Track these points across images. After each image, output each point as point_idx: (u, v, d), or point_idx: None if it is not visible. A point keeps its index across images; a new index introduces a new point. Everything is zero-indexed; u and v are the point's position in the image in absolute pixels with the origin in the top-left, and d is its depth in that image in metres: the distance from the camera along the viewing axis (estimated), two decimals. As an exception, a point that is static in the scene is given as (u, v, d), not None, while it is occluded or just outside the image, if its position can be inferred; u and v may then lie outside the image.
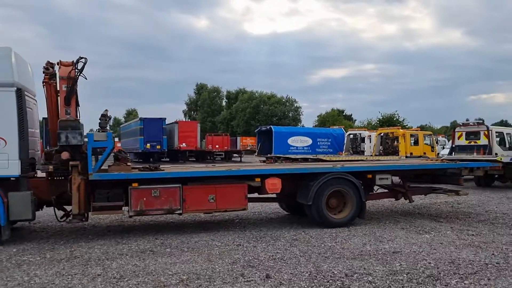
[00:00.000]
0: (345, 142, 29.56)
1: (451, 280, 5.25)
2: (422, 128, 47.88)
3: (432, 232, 8.16)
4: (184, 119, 71.84)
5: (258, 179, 8.53)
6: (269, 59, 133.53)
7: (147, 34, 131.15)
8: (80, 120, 8.00)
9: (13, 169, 7.39)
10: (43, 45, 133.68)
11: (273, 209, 11.01)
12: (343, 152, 28.21)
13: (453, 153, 21.27)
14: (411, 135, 24.40)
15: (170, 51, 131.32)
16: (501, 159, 14.38)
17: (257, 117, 66.21)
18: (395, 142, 24.12)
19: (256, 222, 9.43)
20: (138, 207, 7.79)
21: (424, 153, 23.79)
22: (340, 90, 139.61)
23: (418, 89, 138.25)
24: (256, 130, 32.86)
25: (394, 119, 51.68)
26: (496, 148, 20.13)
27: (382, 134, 25.31)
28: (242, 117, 67.37)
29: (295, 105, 71.62)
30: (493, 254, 6.51)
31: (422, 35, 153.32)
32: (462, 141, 21.81)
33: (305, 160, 18.90)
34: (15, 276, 5.61)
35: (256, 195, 9.03)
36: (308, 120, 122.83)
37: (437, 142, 29.50)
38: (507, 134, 21.57)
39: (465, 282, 5.19)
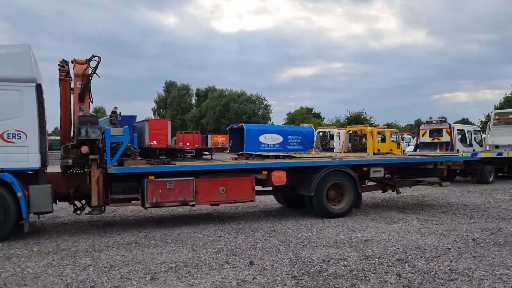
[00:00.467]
0: (314, 139, 30.29)
1: (418, 263, 5.78)
2: (388, 126, 49.31)
3: (399, 222, 8.75)
4: (153, 117, 71.29)
5: (265, 172, 9.02)
6: (237, 57, 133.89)
7: (113, 31, 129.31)
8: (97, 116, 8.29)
9: (34, 162, 7.61)
10: (4, 40, 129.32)
11: (249, 204, 11.38)
12: (313, 149, 28.87)
13: (418, 149, 22.18)
14: (379, 133, 25.24)
15: (138, 47, 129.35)
16: (462, 154, 15.33)
17: (227, 115, 66.58)
18: (363, 139, 24.94)
19: (234, 216, 9.79)
20: (154, 199, 8.13)
21: (391, 150, 24.66)
22: (308, 89, 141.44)
23: (384, 88, 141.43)
24: (227, 128, 33.19)
25: (362, 117, 53.06)
26: (458, 145, 21.18)
27: (350, 132, 26.09)
28: (212, 115, 67.59)
29: (264, 103, 72.36)
30: (455, 240, 7.11)
31: (388, 35, 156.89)
32: (426, 138, 22.80)
33: (277, 157, 19.42)
34: (7, 267, 5.79)
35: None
36: (277, 118, 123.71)
37: (402, 140, 30.57)
38: (468, 131, 22.70)
39: (430, 264, 5.72)
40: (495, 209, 10.41)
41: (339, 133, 28.52)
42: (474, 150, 20.60)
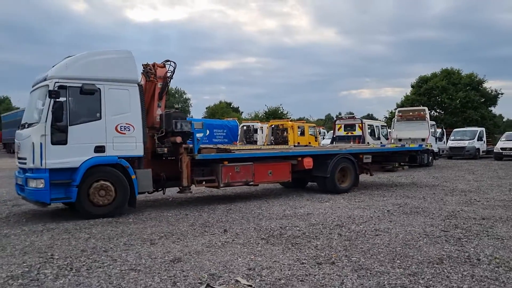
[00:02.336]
0: (239, 133, 31.97)
1: (351, 226, 7.61)
2: (300, 120, 52.64)
3: (330, 201, 10.67)
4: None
5: (299, 158, 11.55)
6: (151, 47, 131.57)
7: (17, 15, 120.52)
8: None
9: (139, 150, 9.08)
10: None
11: (200, 190, 12.64)
12: (238, 142, 30.53)
13: (334, 142, 24.78)
14: (298, 127, 27.40)
15: (44, 34, 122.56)
16: (430, 146, 18.14)
17: (147, 108, 65.94)
18: (285, 133, 27.02)
19: (188, 200, 11.09)
20: (226, 180, 10.21)
21: (309, 143, 27.06)
22: (223, 82, 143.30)
23: (296, 83, 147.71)
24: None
25: (279, 112, 55.85)
26: (368, 138, 24.07)
27: (273, 126, 28.09)
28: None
29: (184, 97, 72.67)
30: (374, 211, 9.12)
31: (299, 32, 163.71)
32: (341, 132, 25.51)
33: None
34: (15, 242, 6.67)
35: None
36: (196, 111, 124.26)
37: (319, 133, 33.33)
38: (376, 126, 25.76)
39: (360, 226, 7.58)
40: (401, 191, 12.79)
41: (262, 127, 30.43)
42: (381, 142, 23.55)
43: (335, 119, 33.10)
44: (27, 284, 4.73)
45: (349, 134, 24.77)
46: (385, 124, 28.18)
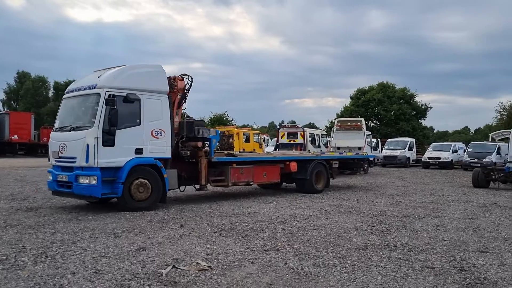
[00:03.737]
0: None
1: (293, 222, 8.66)
2: (245, 127, 53.76)
3: (274, 202, 11.73)
4: (2, 109, 65.66)
5: (287, 162, 13.35)
6: (94, 49, 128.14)
7: None
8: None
9: (168, 152, 10.41)
10: None
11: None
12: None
13: (277, 149, 26.01)
14: (244, 134, 28.42)
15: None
16: (366, 154, 19.75)
17: (89, 110, 64.55)
18: (231, 139, 27.94)
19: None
20: (233, 180, 11.79)
21: (254, 149, 28.16)
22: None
23: (241, 91, 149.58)
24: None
25: (224, 118, 56.72)
26: (309, 146, 25.51)
27: (220, 132, 28.92)
28: (73, 110, 64.79)
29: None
30: (313, 211, 10.25)
31: (245, 39, 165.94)
32: (284, 140, 26.78)
33: None
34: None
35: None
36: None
37: (263, 140, 34.56)
38: (317, 135, 27.30)
39: (300, 223, 8.64)
40: (338, 194, 14.11)
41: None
42: (321, 150, 25.07)
43: (278, 127, 34.48)
44: (9, 268, 5.30)
45: (292, 141, 26.08)
46: (325, 133, 29.89)
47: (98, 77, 9.85)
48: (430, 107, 52.74)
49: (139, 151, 9.82)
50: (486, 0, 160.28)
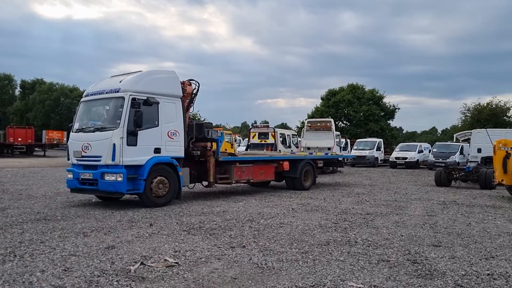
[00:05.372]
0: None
1: (260, 220, 8.93)
2: (217, 127, 53.88)
3: (243, 201, 11.98)
4: (-34, 108, 63.67)
5: (280, 162, 14.49)
6: (63, 46, 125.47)
7: None
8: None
9: (182, 152, 11.25)
10: None
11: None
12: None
13: (249, 149, 26.28)
14: (216, 134, 28.56)
15: None
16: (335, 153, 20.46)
17: (57, 110, 63.48)
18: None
19: (113, 202, 11.77)
20: (236, 178, 12.82)
21: (225, 150, 28.37)
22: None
23: (214, 90, 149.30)
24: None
25: (197, 118, 56.66)
26: (280, 146, 25.90)
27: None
28: (41, 109, 63.53)
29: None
30: (281, 209, 10.55)
31: (218, 39, 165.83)
32: (256, 140, 27.11)
33: None
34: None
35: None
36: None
37: (235, 141, 34.76)
38: (287, 135, 27.73)
39: (268, 221, 8.92)
40: (306, 193, 14.48)
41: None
42: (292, 150, 25.48)
43: (250, 127, 34.76)
44: (-23, 267, 5.37)
45: (263, 142, 26.45)
46: (296, 133, 30.37)
47: (120, 81, 10.58)
48: (398, 108, 54.14)
49: (157, 150, 10.58)
50: (453, 4, 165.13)
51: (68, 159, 11.10)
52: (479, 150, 24.73)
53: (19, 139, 38.21)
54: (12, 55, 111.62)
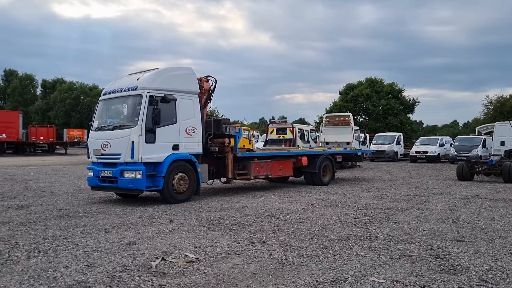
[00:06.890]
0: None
1: (280, 216, 8.92)
2: (235, 123, 54.04)
3: (262, 197, 11.98)
4: (-10, 108, 65.15)
5: (299, 157, 14.41)
6: (81, 46, 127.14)
7: None
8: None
9: (200, 148, 11.28)
10: None
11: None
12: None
13: (267, 145, 26.29)
14: (234, 130, 28.61)
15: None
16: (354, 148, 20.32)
17: (78, 108, 64.46)
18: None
19: (132, 199, 11.90)
20: (255, 174, 12.81)
21: (244, 145, 28.41)
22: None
23: (231, 87, 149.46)
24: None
25: (214, 115, 56.91)
26: (298, 141, 25.83)
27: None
28: (62, 108, 64.59)
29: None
30: (300, 205, 10.51)
31: (235, 35, 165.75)
32: (274, 136, 27.08)
33: None
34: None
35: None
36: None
37: (253, 136, 34.80)
38: (306, 130, 27.63)
39: (287, 216, 8.90)
40: (325, 188, 14.40)
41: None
42: (310, 145, 25.39)
43: (268, 123, 34.72)
44: (3, 263, 5.48)
45: (281, 137, 26.40)
46: (314, 128, 30.22)
47: (137, 79, 10.61)
48: (418, 102, 53.46)
49: (176, 147, 10.63)
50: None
51: (88, 157, 11.25)
52: (502, 143, 24.19)
53: (41, 137, 38.96)
54: (33, 56, 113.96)
